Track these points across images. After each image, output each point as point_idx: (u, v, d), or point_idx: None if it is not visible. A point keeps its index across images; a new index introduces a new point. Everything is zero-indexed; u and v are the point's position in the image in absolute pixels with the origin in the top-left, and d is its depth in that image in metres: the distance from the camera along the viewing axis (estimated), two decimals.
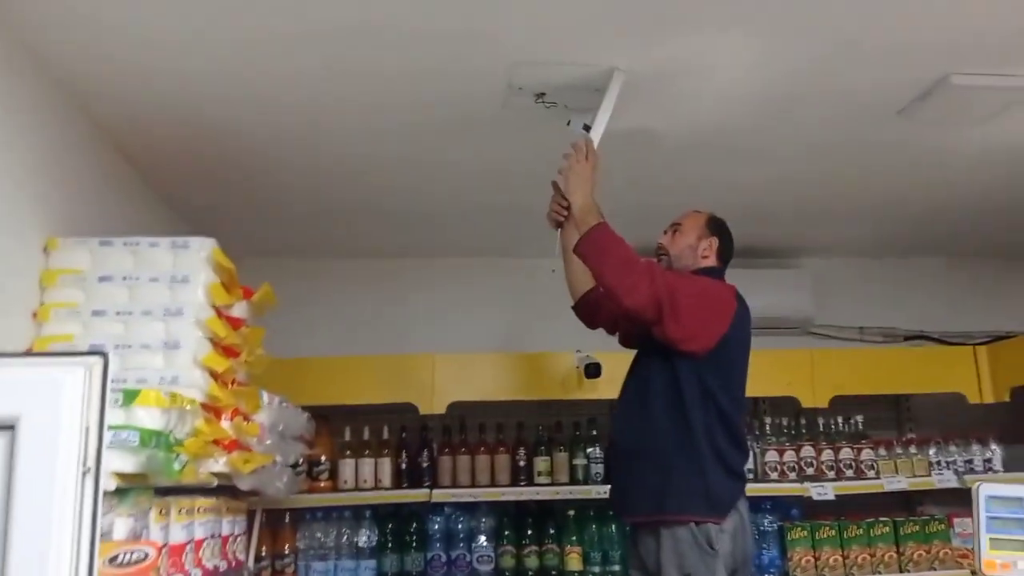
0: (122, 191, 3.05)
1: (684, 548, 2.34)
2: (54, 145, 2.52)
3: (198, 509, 2.43)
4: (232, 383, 2.61)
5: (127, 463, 1.79)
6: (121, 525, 1.86)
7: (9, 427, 1.36)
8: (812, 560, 3.82)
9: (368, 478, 3.83)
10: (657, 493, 2.43)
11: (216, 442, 2.39)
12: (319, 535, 3.79)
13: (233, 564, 2.84)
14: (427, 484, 3.84)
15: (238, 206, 3.59)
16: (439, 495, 3.79)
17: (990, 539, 1.77)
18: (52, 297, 2.38)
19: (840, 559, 3.83)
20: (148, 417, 1.95)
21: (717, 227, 2.79)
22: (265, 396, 2.87)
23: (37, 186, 2.40)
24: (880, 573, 3.79)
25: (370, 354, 3.91)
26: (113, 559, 1.68)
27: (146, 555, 1.73)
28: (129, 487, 1.87)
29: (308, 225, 3.91)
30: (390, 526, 3.85)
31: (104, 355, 1.43)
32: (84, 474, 1.37)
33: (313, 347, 3.87)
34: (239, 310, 2.68)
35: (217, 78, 2.51)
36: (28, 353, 2.06)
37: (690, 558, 2.32)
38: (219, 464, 2.43)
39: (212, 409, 2.42)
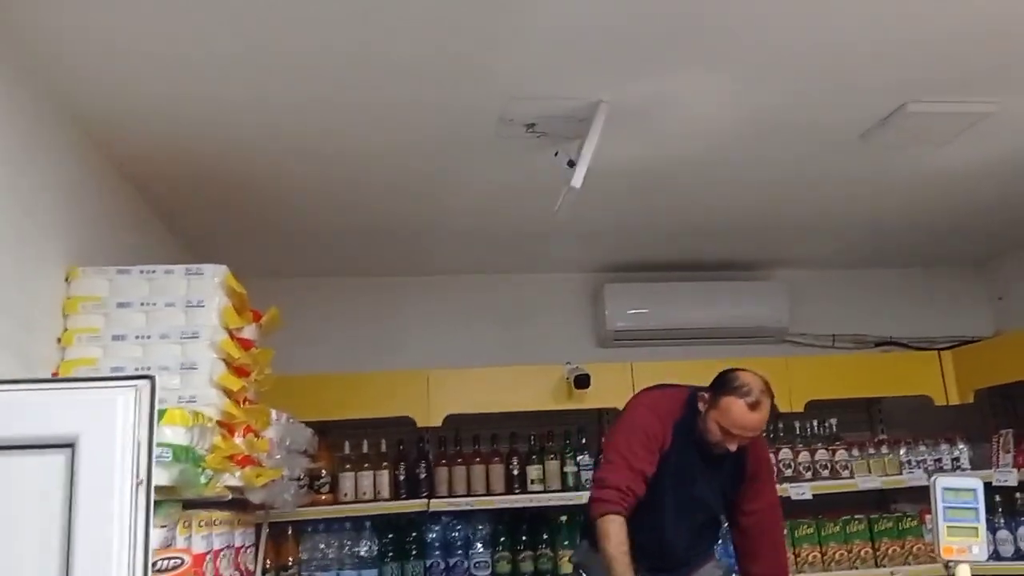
0: (131, 219, 3.20)
1: None
2: (71, 180, 2.67)
3: (215, 521, 2.58)
4: (244, 401, 2.76)
5: (162, 477, 1.94)
6: (155, 535, 2.00)
7: (69, 445, 1.52)
8: (792, 557, 4.01)
9: (367, 490, 3.98)
10: None
11: (231, 457, 2.54)
12: (321, 546, 3.94)
13: (244, 574, 2.98)
14: (425, 494, 3.99)
15: (238, 230, 3.73)
16: (437, 504, 3.96)
17: (947, 527, 1.96)
18: (74, 323, 2.52)
19: (818, 555, 4.03)
20: (174, 435, 2.10)
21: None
22: (273, 413, 3.02)
23: (57, 218, 2.55)
24: (857, 568, 3.99)
25: (367, 370, 4.08)
26: (153, 565, 1.83)
27: (182, 561, 1.88)
28: (161, 500, 2.02)
29: (307, 246, 4.06)
30: (390, 536, 4.01)
31: (152, 378, 1.59)
32: (138, 485, 1.53)
33: (311, 364, 4.00)
34: (249, 332, 2.83)
35: (220, 104, 2.64)
36: (84, 378, 2.20)
37: None
38: (234, 478, 2.58)
39: (226, 426, 2.57)
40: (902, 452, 4.23)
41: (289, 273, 4.29)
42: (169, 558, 1.86)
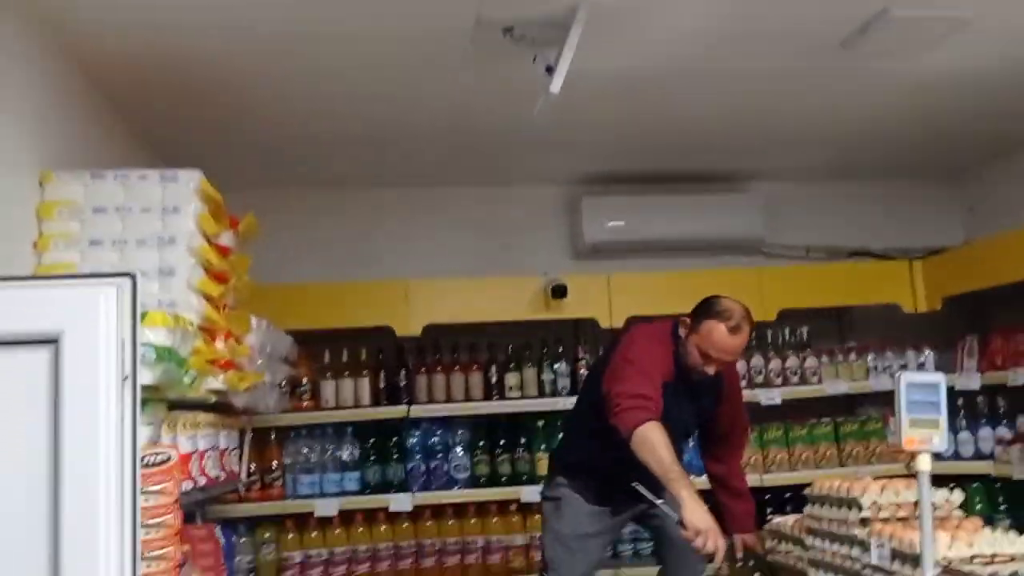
0: (103, 129, 3.14)
1: None
2: (43, 86, 2.61)
3: (200, 423, 2.63)
4: (223, 308, 2.78)
5: (145, 376, 1.97)
6: (141, 432, 2.05)
7: (53, 341, 1.54)
8: (760, 458, 4.17)
9: (348, 397, 4.06)
10: None
11: (213, 362, 2.58)
12: (304, 450, 4.03)
13: (229, 475, 3.06)
14: (405, 401, 4.07)
15: (212, 140, 3.68)
16: (417, 411, 4.05)
17: (910, 420, 2.05)
18: (50, 228, 2.51)
19: (786, 457, 4.19)
20: (156, 336, 2.13)
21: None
22: (253, 320, 3.05)
23: (30, 125, 2.50)
24: (822, 468, 4.15)
25: (347, 280, 4.10)
26: (141, 460, 1.88)
27: (169, 456, 1.93)
28: (146, 399, 2.06)
29: (284, 157, 4.02)
30: (371, 441, 4.10)
31: (133, 275, 1.61)
32: (124, 380, 1.56)
33: (292, 275, 4.02)
34: (226, 239, 2.83)
35: (191, 11, 2.58)
36: (66, 276, 2.21)
37: None
38: (217, 382, 2.62)
39: (207, 331, 2.60)
40: (870, 359, 4.35)
41: (266, 184, 4.23)
42: (156, 453, 1.90)
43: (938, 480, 2.47)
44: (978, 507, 3.82)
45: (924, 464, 2.04)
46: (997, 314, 4.32)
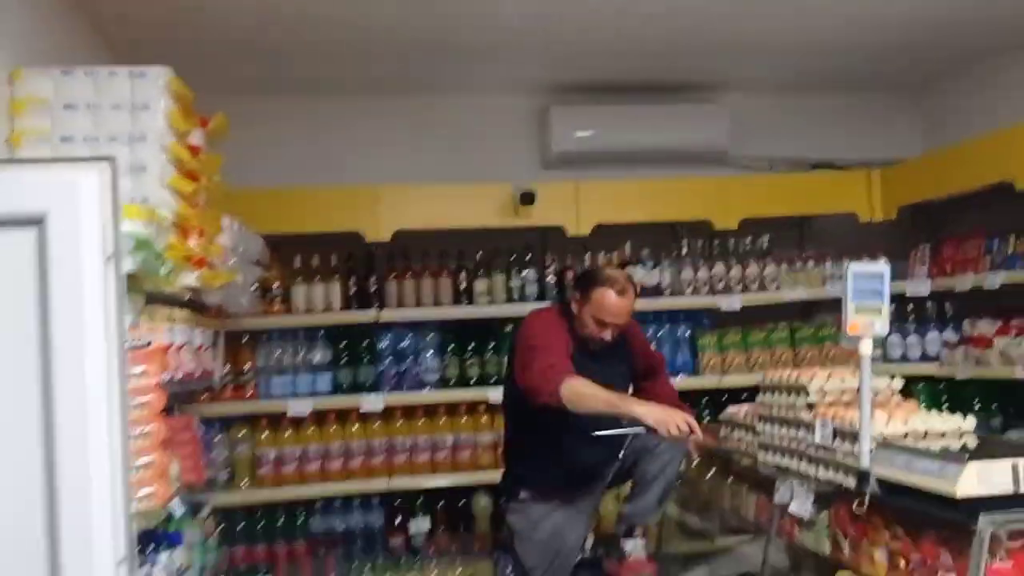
0: (70, 30, 3.10)
1: None
2: None
3: (176, 318, 2.70)
4: (196, 206, 2.81)
5: (125, 264, 2.02)
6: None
7: (37, 222, 1.59)
8: (719, 361, 4.35)
9: (319, 301, 4.13)
10: None
11: (187, 259, 2.63)
12: (277, 352, 4.13)
13: (205, 371, 3.14)
14: (376, 306, 4.16)
15: (182, 42, 3.63)
16: (387, 315, 4.14)
17: (855, 307, 2.19)
18: (21, 125, 2.49)
19: (744, 359, 4.36)
20: (133, 227, 2.17)
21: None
22: (225, 220, 3.09)
23: None
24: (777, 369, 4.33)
25: (318, 185, 4.12)
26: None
27: (149, 342, 2.00)
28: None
29: (250, 62, 3.98)
30: (343, 344, 4.20)
31: (112, 159, 1.66)
32: (108, 259, 1.62)
33: (262, 180, 4.03)
34: (196, 138, 2.84)
35: None
36: (48, 159, 2.22)
37: None
38: (192, 278, 2.68)
39: (180, 228, 2.64)
40: (827, 267, 4.51)
41: (235, 91, 4.19)
42: (138, 338, 1.97)
43: None
44: (923, 406, 4.04)
45: (866, 348, 2.18)
46: (949, 224, 4.48)
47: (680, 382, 4.23)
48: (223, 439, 4.04)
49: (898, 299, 4.35)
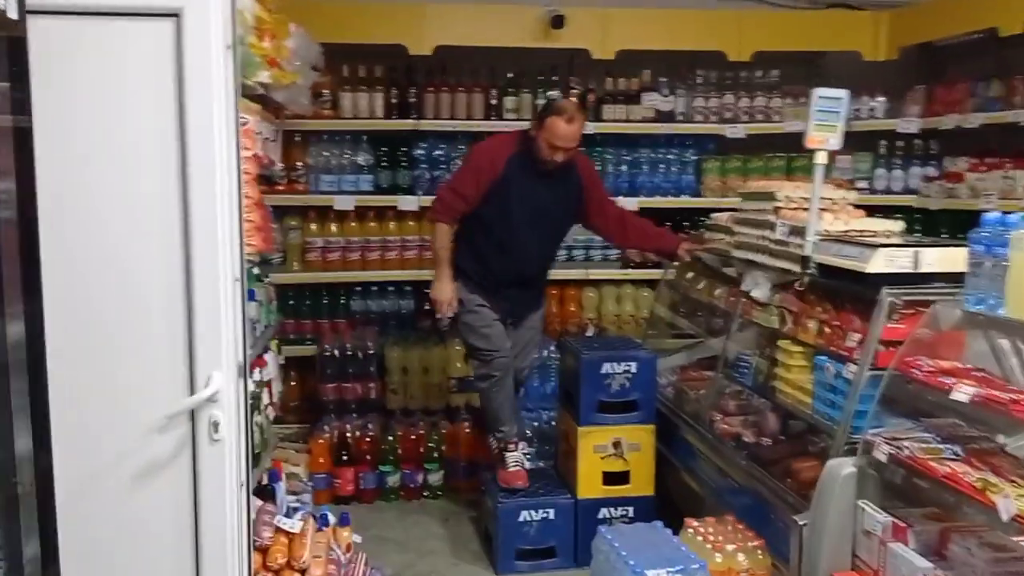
0: None
1: None
2: None
3: (252, 109, 3.18)
4: (269, 11, 3.23)
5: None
6: None
7: (175, 15, 2.06)
8: (720, 184, 4.83)
9: (364, 109, 4.60)
10: None
11: (263, 57, 3.08)
12: (324, 154, 4.64)
13: (268, 163, 3.67)
14: (414, 116, 4.62)
15: None
16: (425, 125, 4.61)
17: (816, 124, 2.64)
18: None
19: (742, 183, 4.82)
20: None
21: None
22: (292, 25, 3.51)
23: None
24: None
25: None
26: None
27: (247, 120, 2.50)
28: None
29: None
30: (384, 149, 4.70)
31: None
32: (228, 48, 2.10)
33: None
34: None
35: None
36: None
37: None
38: (265, 76, 3.14)
39: (258, 30, 3.08)
40: None
41: None
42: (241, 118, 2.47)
43: (870, 209, 3.15)
44: None
45: (820, 159, 2.66)
46: (948, 67, 4.79)
47: (683, 201, 4.77)
48: (278, 227, 4.62)
49: (889, 136, 4.76)
